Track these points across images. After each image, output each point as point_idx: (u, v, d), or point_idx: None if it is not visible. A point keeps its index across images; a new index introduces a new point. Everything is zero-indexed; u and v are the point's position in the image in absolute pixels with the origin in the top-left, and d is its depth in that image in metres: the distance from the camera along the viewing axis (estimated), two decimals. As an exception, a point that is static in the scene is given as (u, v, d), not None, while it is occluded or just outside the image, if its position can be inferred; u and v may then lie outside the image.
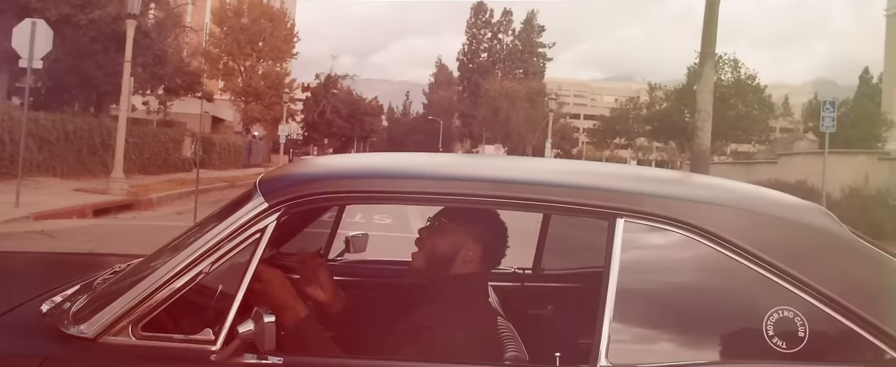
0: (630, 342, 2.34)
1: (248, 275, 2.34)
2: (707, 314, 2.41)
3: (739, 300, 2.41)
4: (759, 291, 2.36)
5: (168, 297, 2.35)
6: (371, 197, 2.53)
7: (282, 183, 2.52)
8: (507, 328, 2.98)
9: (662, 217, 2.39)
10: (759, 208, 2.53)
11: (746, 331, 2.36)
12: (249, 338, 2.22)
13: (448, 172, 2.64)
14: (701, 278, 2.43)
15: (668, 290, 2.43)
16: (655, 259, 2.45)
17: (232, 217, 2.43)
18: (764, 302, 2.34)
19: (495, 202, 2.47)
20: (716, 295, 2.43)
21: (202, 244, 2.39)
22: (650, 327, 2.39)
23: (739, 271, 2.36)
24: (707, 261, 2.39)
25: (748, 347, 2.34)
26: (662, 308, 2.40)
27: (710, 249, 2.37)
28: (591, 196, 2.44)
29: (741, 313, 2.40)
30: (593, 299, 3.90)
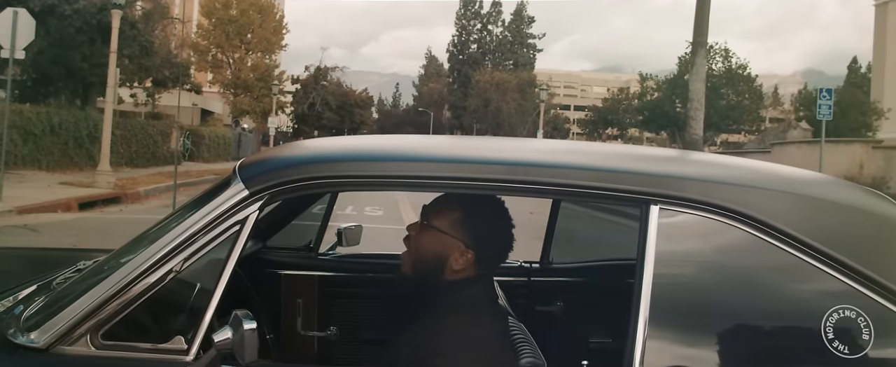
0: (667, 347, 2.04)
1: (225, 273, 2.03)
2: (755, 315, 2.10)
3: (793, 299, 2.10)
4: (817, 287, 2.06)
5: (133, 300, 2.03)
6: (366, 182, 2.20)
7: (264, 168, 2.19)
8: (519, 329, 2.68)
9: (703, 203, 2.08)
10: (815, 192, 2.21)
11: (801, 334, 2.06)
12: (227, 347, 1.90)
13: (454, 153, 2.32)
14: (748, 274, 2.12)
15: (710, 287, 2.12)
16: (695, 252, 2.13)
17: (207, 207, 2.11)
18: (822, 300, 2.04)
19: (509, 188, 2.15)
20: (766, 293, 2.12)
21: (172, 238, 2.07)
22: (691, 329, 2.08)
23: (793, 265, 2.06)
24: (755, 254, 2.08)
25: (804, 352, 2.05)
26: (704, 308, 2.09)
27: (758, 239, 2.07)
28: (621, 180, 2.12)
29: (795, 313, 2.09)
30: (608, 295, 3.70)
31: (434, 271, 2.42)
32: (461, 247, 2.39)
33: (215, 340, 1.90)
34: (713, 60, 54.18)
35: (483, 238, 2.41)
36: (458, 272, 2.41)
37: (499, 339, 2.33)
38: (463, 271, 2.41)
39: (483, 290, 2.46)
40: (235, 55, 56.80)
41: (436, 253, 2.41)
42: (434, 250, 2.42)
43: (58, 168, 23.83)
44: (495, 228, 2.47)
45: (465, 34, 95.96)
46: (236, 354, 1.89)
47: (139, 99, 36.89)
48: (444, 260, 2.40)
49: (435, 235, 2.42)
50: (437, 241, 2.41)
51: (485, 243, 2.42)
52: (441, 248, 2.41)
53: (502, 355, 2.31)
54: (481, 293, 2.44)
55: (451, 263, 2.40)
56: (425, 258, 2.44)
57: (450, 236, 2.40)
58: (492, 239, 2.45)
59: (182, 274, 2.07)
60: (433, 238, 2.43)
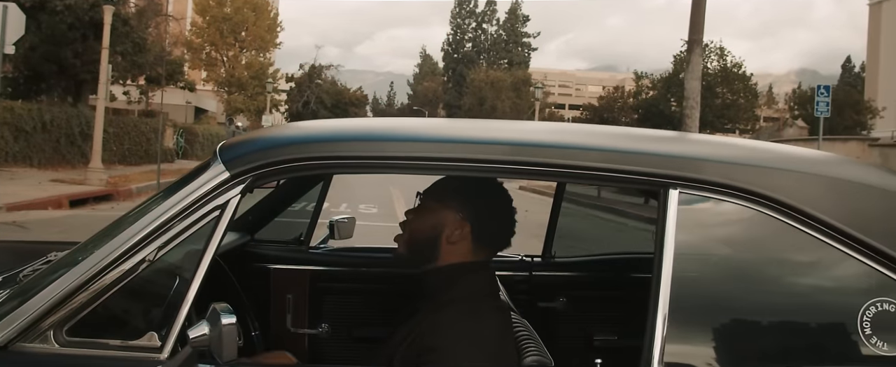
0: (689, 344, 1.86)
1: (204, 263, 1.84)
2: (785, 309, 1.92)
3: (827, 291, 1.93)
4: (853, 279, 1.89)
5: (101, 292, 1.84)
6: (358, 163, 2.00)
7: (247, 148, 2.00)
8: (523, 325, 2.51)
9: (727, 187, 1.90)
10: (848, 174, 2.01)
11: (836, 329, 1.89)
12: (203, 344, 1.71)
13: (454, 134, 2.14)
14: (777, 265, 1.94)
15: (735, 278, 1.94)
16: (718, 240, 1.96)
17: (183, 190, 1.92)
18: (858, 293, 1.87)
19: (514, 169, 1.96)
20: (797, 285, 1.94)
21: (145, 225, 1.88)
22: (714, 324, 1.90)
23: (826, 255, 1.88)
24: (784, 242, 1.91)
25: (838, 349, 1.87)
26: (728, 301, 1.92)
27: (787, 226, 1.89)
28: (636, 161, 1.94)
29: (829, 307, 1.92)
30: (613, 290, 3.54)
31: (429, 247, 2.26)
32: (456, 218, 2.24)
33: (190, 336, 1.72)
34: (709, 59, 54.09)
35: (481, 214, 2.26)
36: (455, 247, 2.25)
37: (500, 334, 2.15)
38: (459, 244, 2.25)
39: (484, 281, 2.29)
40: (229, 53, 56.60)
41: (431, 227, 2.27)
42: (429, 225, 2.28)
43: (49, 165, 23.59)
44: (494, 206, 2.32)
45: (459, 33, 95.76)
46: (213, 351, 1.71)
47: (132, 96, 36.59)
48: (439, 233, 2.25)
49: (430, 210, 2.30)
50: (432, 215, 2.28)
51: (483, 220, 2.26)
52: (435, 221, 2.26)
53: (504, 351, 2.14)
54: (482, 284, 2.27)
55: (446, 235, 2.24)
56: (420, 235, 2.29)
57: (444, 207, 2.26)
58: (490, 217, 2.29)
59: (156, 264, 1.88)
60: (428, 213, 2.30)
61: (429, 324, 2.12)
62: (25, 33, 17.09)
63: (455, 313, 2.12)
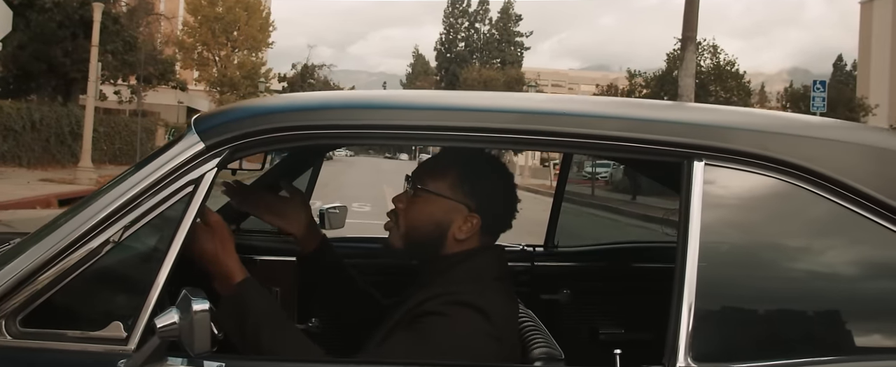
0: (718, 334, 1.67)
1: (175, 244, 1.64)
2: (826, 292, 1.74)
3: (872, 274, 1.74)
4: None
5: (60, 277, 1.64)
6: (346, 134, 1.79)
7: (225, 118, 1.79)
8: (529, 317, 2.31)
9: (759, 158, 1.71)
10: (891, 143, 1.82)
11: (884, 315, 1.69)
12: (172, 334, 1.51)
13: (454, 101, 1.94)
14: (814, 244, 1.75)
15: (769, 262, 1.75)
16: (749, 218, 1.76)
17: (153, 163, 1.72)
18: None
19: (522, 140, 1.76)
20: (839, 267, 1.75)
21: (109, 202, 1.68)
22: (746, 313, 1.71)
23: (872, 233, 1.69)
24: (823, 219, 1.73)
25: (884, 337, 1.68)
26: (762, 287, 1.73)
27: (828, 202, 1.70)
28: (657, 129, 1.74)
29: (876, 291, 1.72)
30: (620, 281, 3.35)
31: (433, 243, 2.03)
32: (464, 212, 2.01)
33: (157, 325, 1.51)
34: (702, 57, 53.93)
35: (487, 201, 2.03)
36: (463, 243, 2.02)
37: (505, 317, 1.94)
38: (468, 240, 2.02)
39: (490, 260, 2.06)
40: (221, 53, 56.23)
41: (435, 222, 2.02)
42: (433, 219, 2.03)
43: (39, 165, 23.43)
44: (498, 187, 2.08)
45: (452, 32, 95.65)
46: (184, 342, 1.50)
47: (123, 96, 36.32)
48: (446, 229, 2.02)
49: (432, 200, 2.03)
50: (436, 207, 2.02)
51: (489, 207, 2.03)
52: (441, 215, 2.02)
53: (508, 334, 1.93)
54: (488, 264, 2.04)
55: (453, 231, 2.01)
56: (422, 229, 2.04)
57: (450, 199, 2.01)
58: (496, 201, 2.06)
59: (122, 245, 1.67)
60: (429, 203, 2.03)
61: (430, 296, 1.90)
62: (14, 31, 16.84)
63: (457, 289, 1.90)
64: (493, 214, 2.05)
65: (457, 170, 2.03)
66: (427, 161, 2.14)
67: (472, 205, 2.01)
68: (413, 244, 2.07)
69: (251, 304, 1.89)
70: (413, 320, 1.85)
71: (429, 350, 1.76)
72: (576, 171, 3.83)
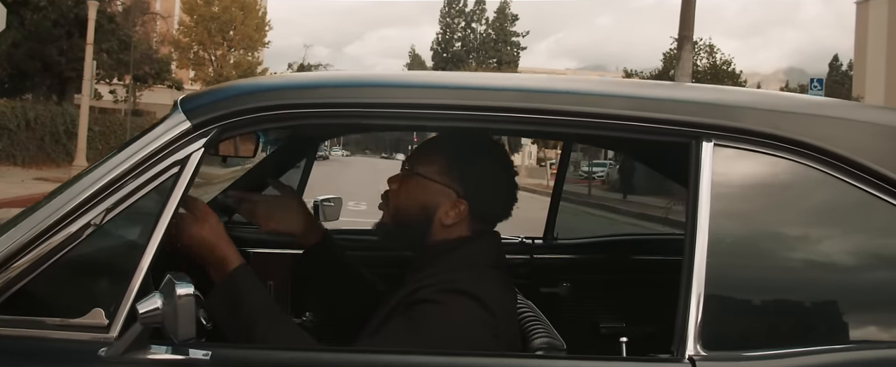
0: (729, 320, 1.60)
1: (160, 227, 1.56)
2: (840, 279, 1.66)
3: (888, 259, 1.67)
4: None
5: (38, 262, 1.56)
6: (338, 112, 1.71)
7: (212, 97, 1.71)
8: (528, 307, 2.23)
9: (771, 137, 1.63)
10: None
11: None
12: (156, 320, 1.43)
13: (451, 80, 1.86)
14: (829, 228, 1.68)
15: (783, 248, 1.68)
16: (761, 201, 1.69)
17: (137, 143, 1.64)
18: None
19: (523, 120, 1.68)
20: (853, 252, 1.68)
21: (91, 183, 1.60)
22: (758, 302, 1.64)
23: (886, 215, 1.62)
24: (839, 202, 1.66)
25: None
26: (774, 272, 1.65)
27: (843, 183, 1.63)
28: (665, 108, 1.67)
29: (891, 277, 1.65)
30: (621, 274, 3.28)
31: (419, 226, 1.96)
32: (451, 196, 1.94)
33: (140, 311, 1.43)
34: (698, 56, 53.93)
35: (478, 187, 1.95)
36: (450, 229, 1.95)
37: (504, 306, 1.87)
38: (454, 226, 1.95)
39: (486, 247, 1.98)
40: (217, 52, 56.13)
41: (421, 204, 1.96)
42: (419, 201, 1.96)
43: (33, 164, 23.31)
44: (492, 175, 1.99)
45: (448, 32, 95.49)
46: (168, 329, 1.43)
47: (118, 95, 36.24)
48: (432, 213, 1.95)
49: (419, 182, 1.97)
50: (422, 189, 1.96)
51: (480, 194, 1.95)
52: (427, 198, 1.95)
53: (507, 325, 1.86)
54: (482, 252, 1.96)
55: (440, 215, 1.94)
56: (408, 211, 1.98)
57: (437, 182, 1.95)
58: (489, 189, 1.98)
59: (104, 229, 1.59)
60: (417, 187, 1.97)
61: (422, 285, 1.83)
62: (8, 29, 16.78)
63: (452, 276, 1.83)
64: (484, 201, 1.97)
65: (448, 154, 1.96)
66: (422, 144, 2.08)
67: (460, 190, 1.94)
68: (401, 227, 2.01)
69: (246, 292, 1.81)
70: (407, 308, 1.77)
71: (423, 339, 1.68)
72: (573, 170, 3.76)
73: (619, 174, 21.66)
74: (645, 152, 2.99)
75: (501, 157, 2.05)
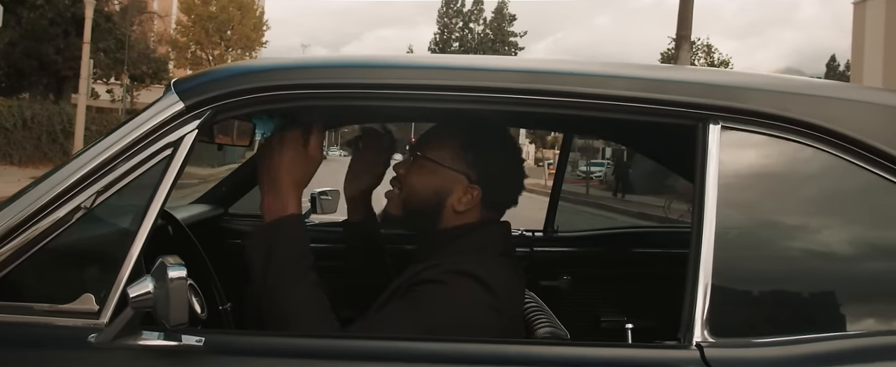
0: (737, 309, 1.55)
1: (152, 210, 1.52)
2: (851, 266, 1.63)
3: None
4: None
5: (27, 246, 1.51)
6: (336, 93, 1.65)
7: (206, 78, 1.66)
8: (531, 298, 2.19)
9: (780, 119, 1.59)
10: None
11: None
12: (147, 305, 1.39)
13: (454, 61, 1.82)
14: (840, 212, 1.64)
15: (791, 231, 1.64)
16: (770, 185, 1.64)
17: (129, 125, 1.60)
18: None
19: (527, 101, 1.63)
20: (865, 237, 1.64)
21: (81, 166, 1.55)
22: (767, 286, 1.59)
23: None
24: (851, 186, 1.62)
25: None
26: (784, 258, 1.62)
27: (855, 167, 1.59)
28: (671, 89, 1.62)
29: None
30: (620, 266, 3.24)
31: (430, 213, 1.91)
32: (464, 182, 1.89)
33: (130, 295, 1.38)
34: (696, 56, 53.96)
35: (490, 173, 1.90)
36: (461, 216, 1.90)
37: (511, 291, 1.82)
38: (466, 213, 1.90)
39: (494, 235, 1.94)
40: (215, 52, 56.06)
41: (434, 191, 1.91)
42: (431, 188, 1.91)
43: (30, 163, 23.25)
44: (503, 160, 1.95)
45: (446, 32, 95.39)
46: (159, 314, 1.38)
47: (115, 95, 36.20)
48: (444, 199, 1.90)
49: (431, 168, 1.91)
50: (435, 176, 1.90)
51: (492, 180, 1.90)
52: (439, 184, 1.90)
53: (512, 310, 1.81)
54: (492, 238, 1.92)
55: (452, 202, 1.89)
56: (419, 198, 1.92)
57: (450, 168, 1.89)
58: (500, 174, 1.93)
59: (94, 212, 1.55)
60: (429, 173, 1.91)
61: (428, 266, 1.78)
62: (5, 28, 16.79)
63: (458, 260, 1.78)
64: (497, 187, 1.93)
65: (460, 139, 1.91)
66: (431, 128, 2.02)
67: (473, 176, 1.89)
68: (410, 214, 1.95)
69: (286, 241, 1.76)
70: (410, 287, 1.72)
71: (425, 319, 1.64)
72: (570, 170, 3.73)
73: (615, 175, 21.75)
74: (647, 141, 2.95)
75: (511, 142, 2.01)
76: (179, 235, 2.42)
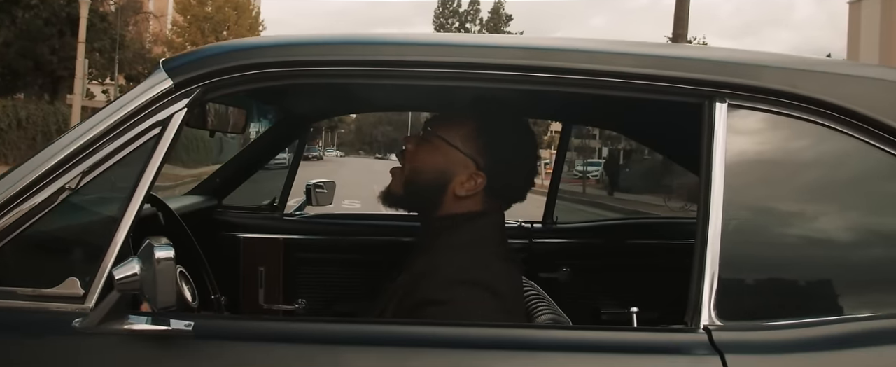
0: (745, 290, 1.51)
1: (139, 191, 1.47)
2: (863, 248, 1.58)
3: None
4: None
5: (8, 229, 1.46)
6: (330, 71, 1.60)
7: (196, 55, 1.60)
8: (531, 287, 2.14)
9: (789, 96, 1.54)
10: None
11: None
12: (133, 287, 1.33)
13: (450, 38, 1.76)
14: (852, 193, 1.59)
15: (801, 213, 1.59)
16: (779, 165, 1.59)
17: (116, 103, 1.54)
18: None
19: (529, 78, 1.57)
20: (877, 218, 1.59)
21: (66, 145, 1.50)
22: (776, 269, 1.54)
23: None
24: (863, 165, 1.56)
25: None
26: (794, 240, 1.57)
27: (869, 147, 1.53)
28: (677, 65, 1.57)
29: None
30: (620, 257, 3.19)
31: (431, 194, 1.83)
32: (471, 167, 1.81)
33: (116, 277, 1.32)
34: (693, 56, 54.01)
35: (499, 163, 1.82)
36: (461, 202, 1.82)
37: (511, 289, 1.77)
38: (468, 199, 1.82)
39: (493, 227, 1.86)
40: (211, 52, 56.05)
41: (438, 171, 1.83)
42: (436, 167, 1.83)
43: (25, 163, 23.21)
44: (516, 151, 1.87)
45: (443, 32, 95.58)
46: (147, 296, 1.32)
47: (111, 95, 36.13)
48: (447, 182, 1.82)
49: (439, 146, 1.83)
50: (441, 154, 1.83)
51: (500, 170, 1.82)
52: (445, 163, 1.82)
53: (515, 307, 1.76)
54: (489, 231, 1.84)
55: (454, 185, 1.81)
56: (423, 176, 1.85)
57: (458, 150, 1.82)
58: (510, 166, 1.85)
59: (80, 193, 1.49)
60: (436, 150, 1.84)
61: (426, 273, 1.71)
62: (0, 28, 16.72)
63: (458, 260, 1.72)
64: (504, 178, 1.84)
65: (475, 122, 1.83)
66: (449, 108, 1.95)
67: (481, 162, 1.81)
68: (411, 193, 1.88)
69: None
70: (415, 308, 1.65)
71: None
72: (567, 170, 3.69)
73: (609, 175, 21.77)
74: (648, 129, 2.91)
75: (528, 135, 1.93)
76: (171, 225, 2.36)
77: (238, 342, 1.44)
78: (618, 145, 22.37)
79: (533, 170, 1.91)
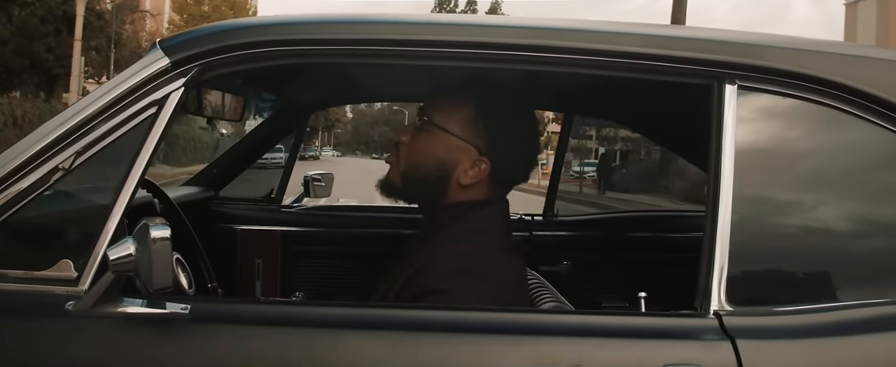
0: (756, 276, 1.48)
1: (135, 171, 1.43)
2: (875, 232, 1.56)
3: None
4: None
5: (1, 209, 1.42)
6: (329, 50, 1.56)
7: (193, 34, 1.56)
8: (534, 277, 2.10)
9: (800, 77, 1.50)
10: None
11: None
12: (128, 268, 1.30)
13: (451, 18, 1.73)
14: (868, 177, 1.57)
15: (812, 197, 1.57)
16: (790, 149, 1.57)
17: (111, 82, 1.51)
18: None
19: (531, 58, 1.53)
20: (889, 202, 1.56)
21: (60, 124, 1.46)
22: (787, 253, 1.51)
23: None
24: (874, 148, 1.54)
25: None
26: (804, 225, 1.55)
27: (882, 129, 1.50)
28: (685, 45, 1.53)
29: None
30: (621, 251, 3.16)
31: (433, 186, 1.77)
32: (473, 153, 1.74)
33: (110, 258, 1.29)
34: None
35: (502, 145, 1.75)
36: (466, 190, 1.76)
37: (515, 278, 1.73)
38: (473, 188, 1.76)
39: (497, 217, 1.80)
40: (207, 52, 56.04)
41: (439, 161, 1.75)
42: (436, 158, 1.76)
43: (21, 161, 23.14)
44: (518, 132, 1.80)
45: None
46: (141, 277, 1.29)
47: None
48: (449, 171, 1.75)
49: (438, 135, 1.75)
50: (441, 144, 1.75)
51: (504, 153, 1.76)
52: (445, 154, 1.75)
53: (520, 297, 1.72)
54: (494, 220, 1.78)
55: (457, 174, 1.74)
56: (423, 168, 1.77)
57: (457, 137, 1.74)
58: (513, 148, 1.78)
59: (74, 173, 1.45)
60: (435, 140, 1.76)
61: (426, 265, 1.66)
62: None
63: (460, 249, 1.67)
64: (508, 161, 1.78)
65: (472, 104, 1.76)
66: (441, 92, 1.87)
67: (483, 147, 1.74)
68: (411, 185, 1.81)
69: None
70: (413, 300, 1.61)
71: None
72: (564, 170, 3.66)
73: (603, 175, 21.78)
74: (652, 120, 2.88)
75: (528, 112, 1.86)
76: (168, 214, 2.33)
77: (236, 326, 1.40)
78: (614, 147, 22.40)
79: (536, 148, 1.86)
